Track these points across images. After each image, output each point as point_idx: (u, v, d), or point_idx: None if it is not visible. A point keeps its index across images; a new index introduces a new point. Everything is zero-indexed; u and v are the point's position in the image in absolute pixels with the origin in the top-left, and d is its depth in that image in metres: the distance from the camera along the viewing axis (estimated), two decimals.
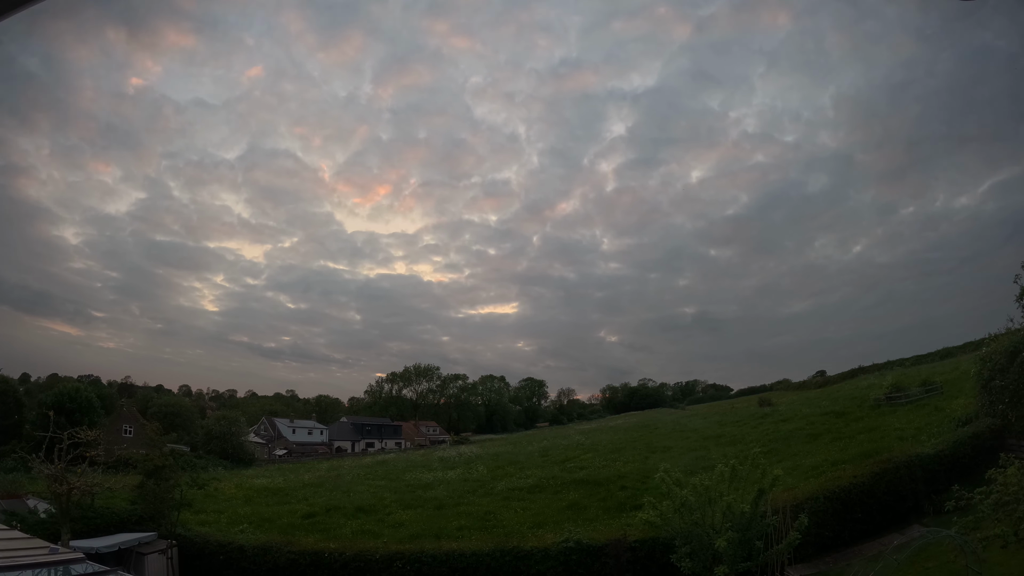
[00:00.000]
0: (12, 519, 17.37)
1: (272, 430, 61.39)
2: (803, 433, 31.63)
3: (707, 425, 43.87)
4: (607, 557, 15.98)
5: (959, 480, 14.86)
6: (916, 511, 16.74)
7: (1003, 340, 20.66)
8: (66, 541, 16.34)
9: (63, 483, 18.10)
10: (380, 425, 67.95)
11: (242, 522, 23.45)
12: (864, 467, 18.13)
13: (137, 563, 16.61)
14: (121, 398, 59.44)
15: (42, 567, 8.08)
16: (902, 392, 33.44)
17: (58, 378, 59.14)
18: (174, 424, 49.45)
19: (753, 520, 13.90)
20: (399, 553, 17.11)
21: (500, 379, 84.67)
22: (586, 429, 58.91)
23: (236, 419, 51.92)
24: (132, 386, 72.47)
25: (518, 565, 16.32)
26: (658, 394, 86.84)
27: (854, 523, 16.45)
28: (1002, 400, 19.54)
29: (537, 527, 20.44)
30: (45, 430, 20.37)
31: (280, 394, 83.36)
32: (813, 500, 16.25)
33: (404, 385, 79.84)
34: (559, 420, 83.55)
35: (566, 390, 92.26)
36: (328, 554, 17.46)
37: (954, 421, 22.08)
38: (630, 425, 56.33)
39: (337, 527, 23.12)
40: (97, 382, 66.49)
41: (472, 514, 24.12)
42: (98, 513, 19.39)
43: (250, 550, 18.19)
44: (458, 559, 16.64)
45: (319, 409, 76.36)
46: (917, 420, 26.77)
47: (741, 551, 13.62)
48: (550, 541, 16.85)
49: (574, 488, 27.47)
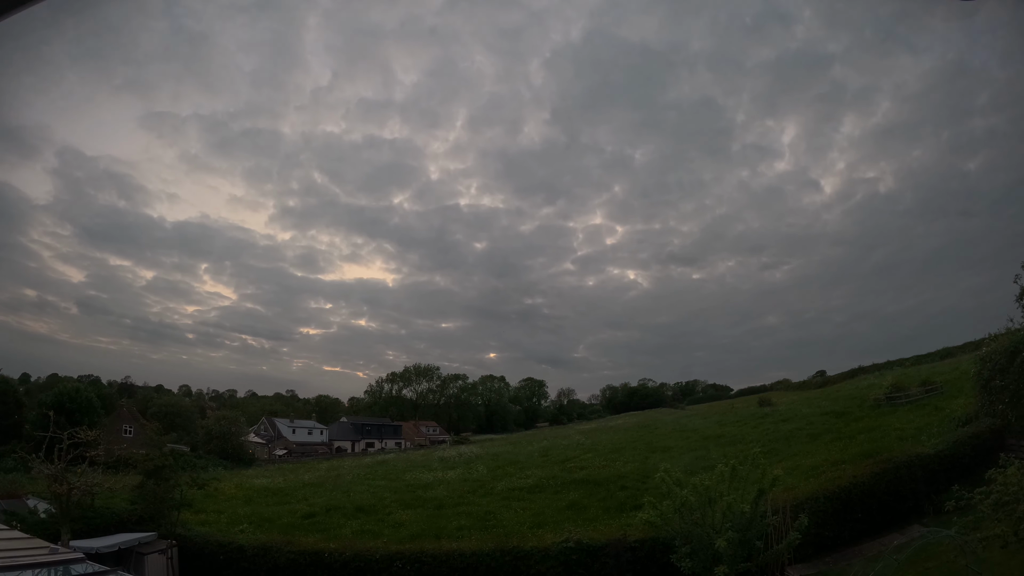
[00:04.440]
0: (12, 519, 17.36)
1: (272, 430, 61.37)
2: (803, 433, 31.60)
3: (707, 425, 43.81)
4: (607, 557, 15.97)
5: (959, 480, 14.86)
6: (916, 511, 16.74)
7: (1003, 340, 20.66)
8: (66, 541, 16.33)
9: (63, 483, 18.10)
10: (380, 425, 67.92)
11: (242, 522, 23.43)
12: (864, 467, 18.12)
13: (137, 563, 16.59)
14: (121, 398, 59.40)
15: (42, 567, 8.07)
16: (902, 392, 33.42)
17: (58, 378, 59.09)
18: (174, 424, 49.50)
19: (753, 520, 13.89)
20: (399, 553, 17.09)
21: (500, 379, 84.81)
22: (586, 429, 58.86)
23: (236, 419, 51.94)
24: (132, 386, 72.43)
25: (518, 565, 16.30)
26: (658, 394, 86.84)
27: (854, 523, 16.44)
28: (1002, 400, 19.53)
29: (537, 527, 20.41)
30: (45, 430, 20.36)
31: (280, 394, 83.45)
32: (813, 500, 16.24)
33: (404, 385, 79.90)
34: (559, 420, 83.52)
35: (566, 390, 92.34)
36: (328, 554, 17.44)
37: (954, 421, 22.07)
38: (630, 425, 56.27)
39: (337, 527, 23.10)
40: (97, 382, 66.50)
41: (472, 514, 24.09)
42: (98, 513, 19.36)
43: (250, 550, 18.17)
44: (458, 559, 16.62)
45: (319, 409, 76.35)
46: (917, 420, 26.75)
47: (741, 551, 13.60)
48: (550, 541, 16.82)
49: (574, 488, 27.44)
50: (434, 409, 78.07)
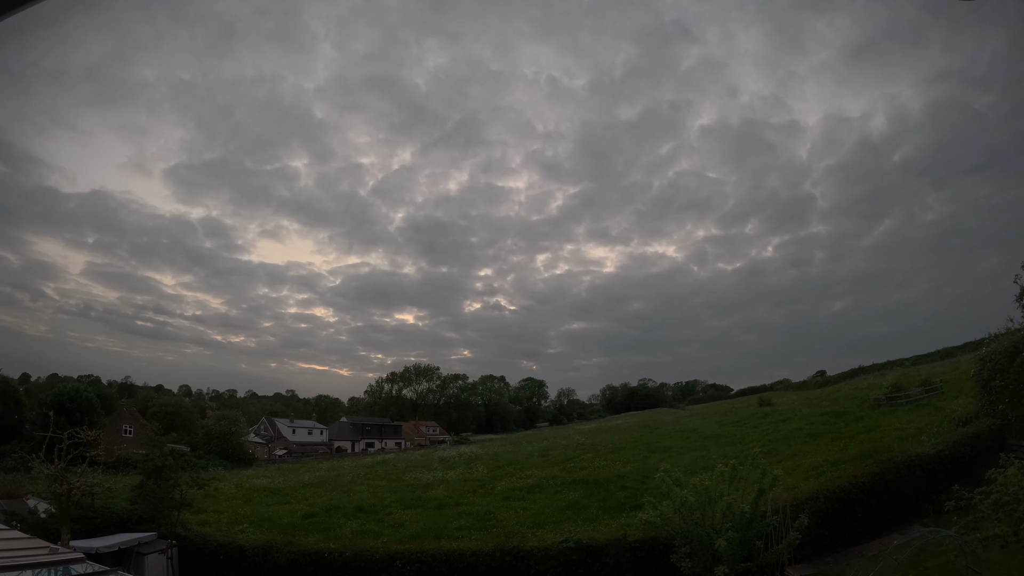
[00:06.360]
0: (12, 519, 17.37)
1: (272, 430, 61.36)
2: (803, 433, 31.63)
3: (707, 425, 43.83)
4: (607, 557, 15.98)
5: (959, 480, 14.83)
6: (916, 511, 16.74)
7: (1003, 340, 20.68)
8: (66, 541, 16.35)
9: (63, 483, 18.12)
10: (380, 425, 67.89)
11: (242, 522, 23.45)
12: (864, 467, 18.16)
13: (137, 563, 16.60)
14: (121, 398, 59.43)
15: (42, 567, 8.07)
16: (902, 392, 33.42)
17: (58, 378, 59.05)
18: (174, 424, 49.49)
19: (753, 520, 13.91)
20: (399, 553, 17.12)
21: (500, 379, 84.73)
22: (586, 429, 58.83)
23: (236, 419, 51.86)
24: (132, 386, 72.36)
25: (518, 565, 16.32)
26: (658, 394, 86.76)
27: (854, 523, 16.46)
28: (1002, 400, 19.54)
29: (537, 527, 20.43)
30: (45, 430, 20.38)
31: (280, 394, 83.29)
32: (813, 500, 16.26)
33: (404, 385, 79.83)
34: (559, 420, 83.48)
35: (566, 390, 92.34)
36: (328, 554, 17.47)
37: (954, 421, 22.07)
38: (630, 425, 56.28)
39: (337, 527, 23.11)
40: (97, 382, 66.39)
41: (472, 514, 24.11)
42: (98, 513, 19.37)
43: (250, 550, 18.20)
44: (458, 559, 16.64)
45: (319, 409, 76.31)
46: (917, 420, 26.75)
47: (741, 551, 13.62)
48: (550, 541, 16.85)
49: (574, 488, 27.45)
50: (434, 409, 78.00)
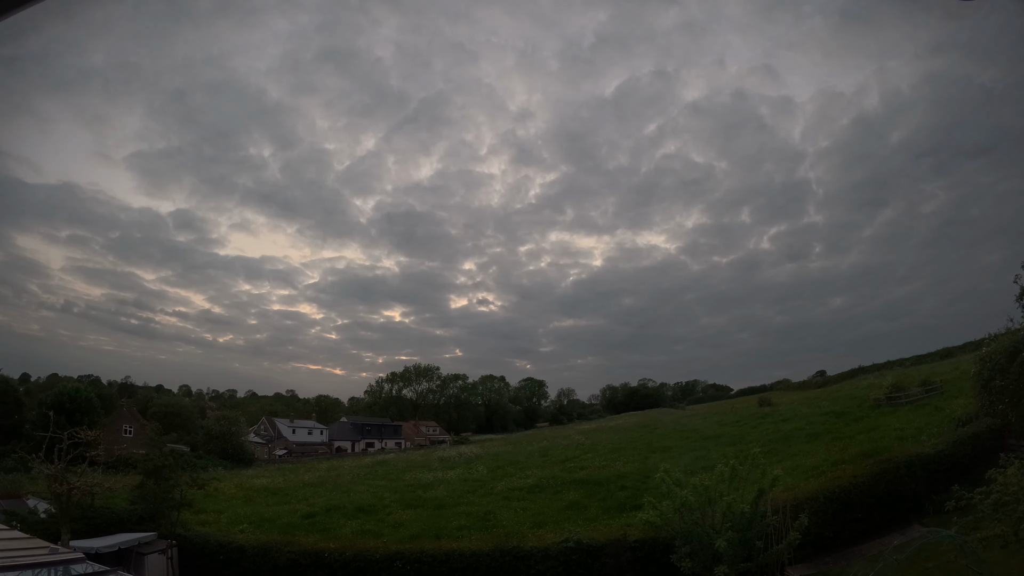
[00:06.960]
0: (12, 519, 17.37)
1: (272, 430, 61.35)
2: (803, 433, 31.61)
3: (707, 425, 43.84)
4: (607, 557, 15.98)
5: (959, 480, 14.84)
6: (916, 511, 16.74)
7: (1003, 340, 20.69)
8: (66, 541, 16.34)
9: (63, 483, 18.12)
10: (380, 425, 67.90)
11: (242, 522, 23.44)
12: (864, 467, 18.15)
13: (137, 563, 16.61)
14: (121, 398, 59.35)
15: (42, 567, 8.08)
16: (902, 392, 33.42)
17: (58, 378, 59.04)
18: (174, 424, 49.41)
19: (753, 520, 13.92)
20: (399, 553, 17.12)
21: (500, 379, 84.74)
22: (586, 429, 58.84)
23: (236, 419, 51.91)
24: (132, 386, 72.33)
25: (518, 565, 16.33)
26: (658, 394, 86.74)
27: (854, 523, 16.45)
28: (1002, 400, 19.54)
29: (537, 527, 20.42)
30: (45, 430, 20.36)
31: (280, 394, 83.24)
32: (813, 500, 16.26)
33: (404, 385, 79.83)
34: (559, 420, 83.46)
35: (566, 390, 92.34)
36: (328, 554, 17.47)
37: (954, 421, 22.06)
38: (630, 425, 56.27)
39: (337, 527, 23.11)
40: (97, 382, 66.36)
41: (472, 514, 24.11)
42: (98, 513, 19.37)
43: (250, 550, 18.20)
44: (458, 559, 16.65)
45: (319, 409, 76.29)
46: (917, 420, 26.75)
47: (741, 551, 13.63)
48: (550, 541, 16.86)
49: (574, 488, 27.45)
50: (434, 409, 78.00)
